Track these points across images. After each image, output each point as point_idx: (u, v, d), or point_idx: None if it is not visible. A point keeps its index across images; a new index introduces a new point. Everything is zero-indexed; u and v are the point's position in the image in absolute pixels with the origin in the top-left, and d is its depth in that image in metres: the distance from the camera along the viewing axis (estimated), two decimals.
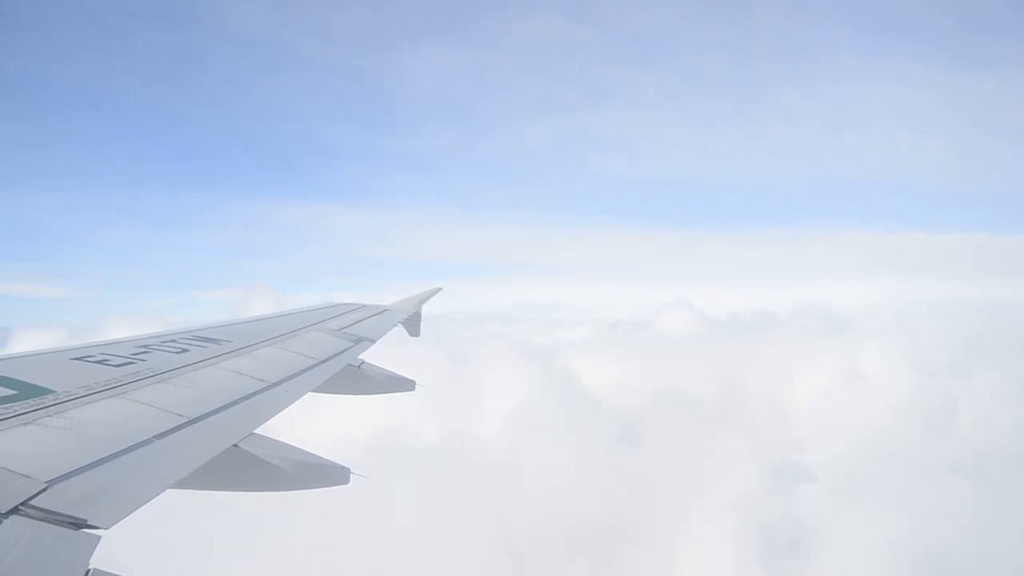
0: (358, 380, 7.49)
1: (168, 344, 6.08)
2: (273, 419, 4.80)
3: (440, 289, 15.88)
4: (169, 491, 3.34)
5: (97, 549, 2.60)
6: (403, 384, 8.23)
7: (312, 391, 5.94)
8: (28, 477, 2.91)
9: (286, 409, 5.12)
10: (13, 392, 3.94)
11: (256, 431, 4.46)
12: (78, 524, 2.69)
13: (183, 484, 3.54)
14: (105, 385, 4.44)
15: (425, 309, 13.50)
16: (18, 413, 3.60)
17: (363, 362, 7.75)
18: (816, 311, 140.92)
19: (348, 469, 5.05)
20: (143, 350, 5.65)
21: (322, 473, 4.98)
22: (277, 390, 5.40)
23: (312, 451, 5.02)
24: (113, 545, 2.73)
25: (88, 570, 2.52)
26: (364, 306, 11.60)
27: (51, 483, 2.91)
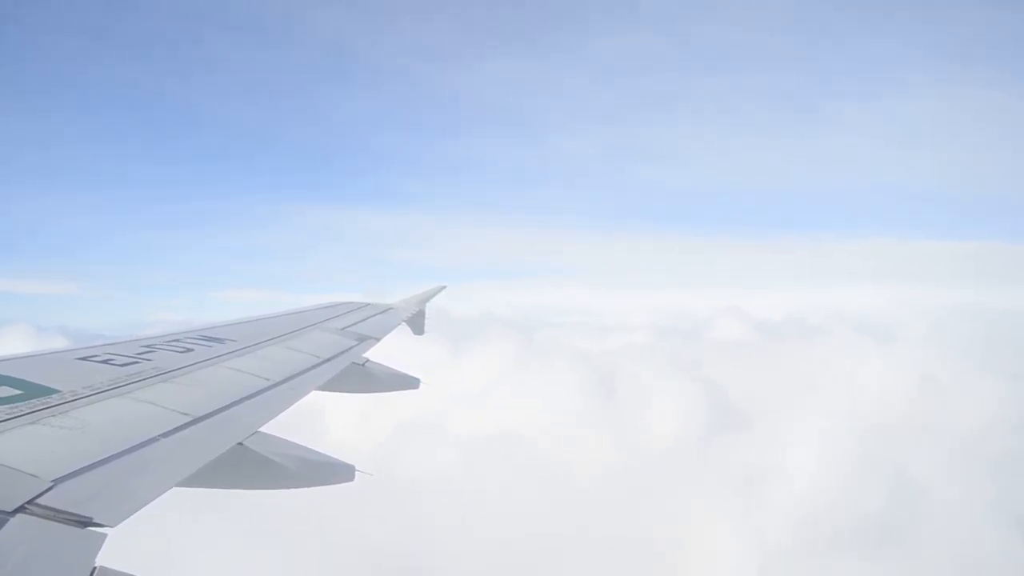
0: (362, 378, 7.51)
1: (173, 343, 6.10)
2: (278, 417, 4.81)
3: (444, 287, 15.88)
4: (174, 489, 3.35)
5: (103, 547, 2.62)
6: (407, 382, 8.25)
7: (316, 389, 5.95)
8: (34, 476, 2.92)
9: (291, 407, 5.14)
10: (18, 392, 3.96)
11: (261, 429, 4.47)
12: (84, 522, 2.70)
13: (188, 482, 3.55)
14: (110, 384, 4.45)
15: (429, 308, 13.51)
16: (24, 413, 3.62)
17: (367, 360, 7.77)
18: (850, 317, 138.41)
19: (353, 467, 5.07)
20: (148, 350, 5.66)
21: (327, 471, 4.99)
22: (281, 389, 5.42)
23: (320, 449, 5.04)
24: (119, 543, 2.74)
25: (94, 568, 2.53)
26: (368, 304, 11.61)
27: (57, 482, 2.92)
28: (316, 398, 5.85)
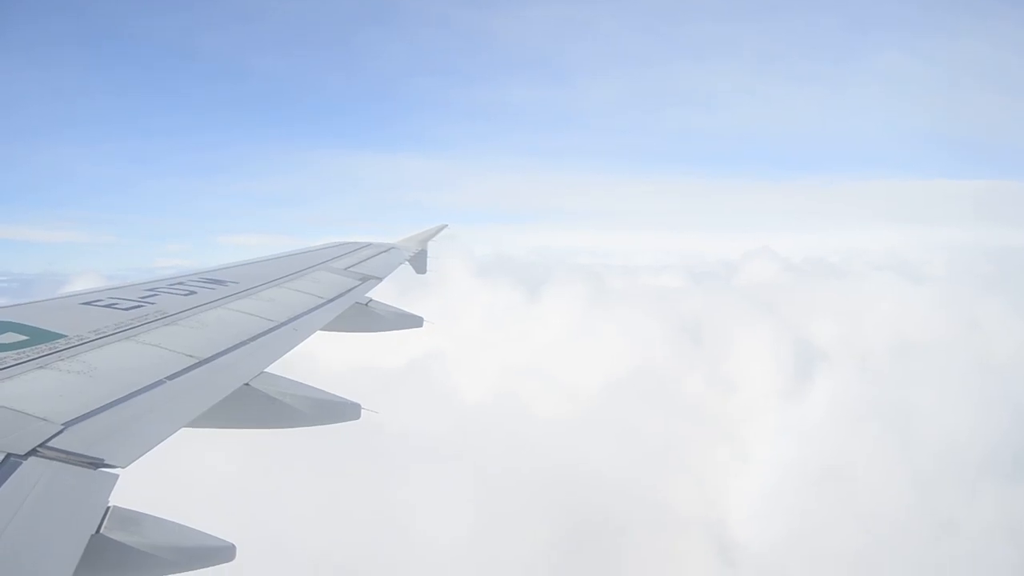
0: (366, 318, 7.54)
1: (176, 287, 6.11)
2: (284, 357, 4.84)
3: (446, 226, 15.84)
4: (183, 430, 3.40)
5: (115, 487, 2.67)
6: (411, 321, 8.27)
7: (321, 329, 5.98)
8: (44, 420, 2.96)
9: (296, 347, 5.17)
10: (25, 338, 3.99)
11: (267, 370, 4.51)
12: (96, 464, 2.75)
13: (196, 423, 3.60)
14: (115, 328, 4.48)
15: (430, 248, 13.48)
16: (31, 358, 3.65)
17: (371, 300, 7.78)
18: (872, 257, 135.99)
19: (359, 405, 5.11)
20: (151, 293, 5.67)
21: (333, 409, 5.04)
22: (286, 329, 5.44)
23: (324, 388, 5.08)
24: (131, 483, 2.79)
25: (108, 507, 2.59)
26: (370, 244, 11.59)
27: (67, 425, 2.97)
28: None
